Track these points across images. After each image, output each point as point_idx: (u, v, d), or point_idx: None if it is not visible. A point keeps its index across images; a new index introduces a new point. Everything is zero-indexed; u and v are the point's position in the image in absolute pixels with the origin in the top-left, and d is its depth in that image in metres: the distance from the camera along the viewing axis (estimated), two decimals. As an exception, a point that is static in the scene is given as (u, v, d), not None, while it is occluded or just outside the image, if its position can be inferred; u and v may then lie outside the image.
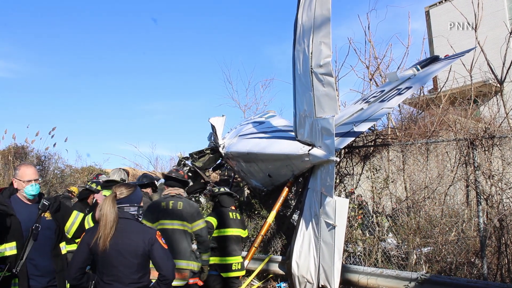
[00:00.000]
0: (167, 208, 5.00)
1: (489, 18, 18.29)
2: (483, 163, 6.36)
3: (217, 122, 9.55)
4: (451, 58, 7.26)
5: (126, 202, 3.40)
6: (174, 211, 4.97)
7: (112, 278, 3.23)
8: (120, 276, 3.24)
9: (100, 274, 3.26)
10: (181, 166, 10.34)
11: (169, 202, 5.04)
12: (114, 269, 3.24)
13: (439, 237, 6.53)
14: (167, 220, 4.96)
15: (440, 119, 10.79)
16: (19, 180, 3.90)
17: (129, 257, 3.27)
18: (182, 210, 4.99)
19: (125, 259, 3.26)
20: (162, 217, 4.98)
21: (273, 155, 7.03)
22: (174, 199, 5.07)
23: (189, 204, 5.09)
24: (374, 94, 7.20)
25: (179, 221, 4.96)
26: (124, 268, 3.25)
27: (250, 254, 6.83)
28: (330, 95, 5.51)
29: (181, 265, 4.84)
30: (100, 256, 3.22)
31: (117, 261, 3.24)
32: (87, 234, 3.33)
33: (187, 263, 4.90)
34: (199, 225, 5.01)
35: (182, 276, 4.84)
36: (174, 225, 4.96)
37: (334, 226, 5.55)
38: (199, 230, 5.00)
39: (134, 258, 3.28)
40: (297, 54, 6.11)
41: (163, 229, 4.92)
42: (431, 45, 26.36)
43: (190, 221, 4.99)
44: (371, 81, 14.67)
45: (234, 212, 6.09)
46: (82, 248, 3.27)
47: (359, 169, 8.00)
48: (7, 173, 15.09)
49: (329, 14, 5.24)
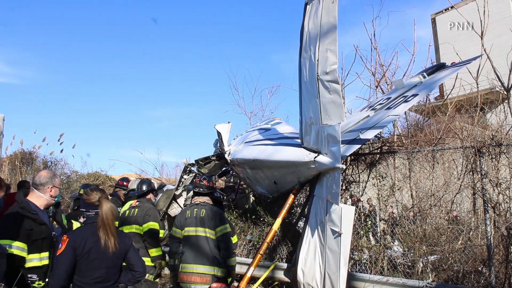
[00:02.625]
0: (191, 216, 5.24)
1: (496, 25, 18.23)
2: (490, 171, 6.32)
3: (223, 129, 9.56)
4: (458, 65, 7.24)
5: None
6: (197, 218, 5.19)
7: (96, 280, 3.31)
8: (105, 277, 3.36)
9: (82, 277, 3.27)
10: (186, 172, 10.34)
11: (194, 210, 5.29)
12: (100, 271, 3.33)
13: (445, 245, 6.48)
14: (191, 227, 5.18)
15: (446, 127, 10.76)
16: (56, 188, 3.86)
17: (116, 258, 3.43)
18: (205, 217, 5.16)
19: (112, 261, 3.39)
20: (187, 224, 5.22)
21: (279, 162, 7.02)
22: (198, 207, 5.29)
23: (212, 211, 5.23)
24: (380, 101, 7.19)
25: (202, 227, 5.13)
26: (109, 269, 3.39)
27: (255, 261, 6.80)
28: (336, 102, 5.51)
29: (201, 270, 5.03)
30: (86, 259, 3.27)
31: (105, 262, 3.35)
32: (72, 238, 3.30)
33: (208, 268, 5.03)
34: (221, 231, 5.13)
35: (202, 280, 5.00)
36: (198, 232, 5.14)
37: (340, 234, 5.52)
38: (221, 236, 5.11)
39: (119, 260, 3.46)
40: (303, 61, 6.12)
41: (188, 235, 5.18)
42: (437, 52, 26.36)
43: (213, 228, 5.12)
44: (377, 89, 14.68)
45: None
46: (68, 252, 3.24)
47: (365, 176, 7.97)
48: (13, 178, 15.19)
49: (335, 21, 5.25)
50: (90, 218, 3.44)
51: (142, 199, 6.00)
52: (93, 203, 3.47)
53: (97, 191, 3.57)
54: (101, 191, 3.59)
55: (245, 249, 8.40)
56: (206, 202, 5.36)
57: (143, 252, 5.61)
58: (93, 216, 3.44)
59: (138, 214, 5.72)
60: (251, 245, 8.42)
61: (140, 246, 5.59)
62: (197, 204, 5.33)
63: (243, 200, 10.66)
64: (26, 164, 16.29)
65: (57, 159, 16.86)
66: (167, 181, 17.92)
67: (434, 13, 29.54)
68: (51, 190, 3.82)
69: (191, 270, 5.04)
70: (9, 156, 16.33)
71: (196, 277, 5.02)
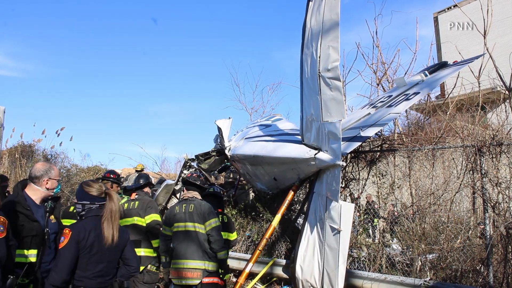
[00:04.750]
0: (179, 212, 5.21)
1: (498, 25, 18.19)
2: (490, 170, 6.32)
3: (223, 125, 9.56)
4: (460, 64, 7.23)
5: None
6: (186, 214, 5.16)
7: (97, 274, 3.30)
8: (105, 271, 3.36)
9: (83, 271, 3.25)
10: (186, 167, 10.35)
11: (182, 205, 5.26)
12: (101, 265, 3.32)
13: (444, 244, 6.49)
14: (181, 223, 5.16)
15: (447, 125, 10.74)
16: (53, 180, 3.80)
17: (116, 253, 3.44)
18: (193, 212, 5.14)
19: (112, 255, 3.40)
20: (176, 220, 5.19)
21: (279, 158, 7.02)
22: (187, 202, 5.26)
23: (200, 205, 5.20)
24: (382, 99, 7.17)
25: (190, 222, 5.11)
26: (109, 263, 3.40)
27: (254, 257, 6.81)
28: (337, 99, 5.49)
29: (191, 265, 5.01)
30: (89, 253, 3.25)
31: (106, 256, 3.35)
32: (75, 231, 3.25)
33: (197, 263, 5.02)
34: (210, 224, 5.10)
35: (193, 275, 4.99)
36: (187, 227, 5.11)
37: (339, 231, 5.52)
38: (210, 230, 5.08)
39: (118, 254, 3.47)
40: (305, 58, 6.11)
41: (177, 231, 5.16)
42: (439, 51, 26.30)
43: (202, 222, 5.10)
44: (378, 86, 14.65)
45: (220, 215, 5.83)
46: (72, 246, 3.20)
47: (365, 174, 7.97)
48: (13, 171, 15.18)
49: (337, 18, 5.24)
50: (91, 211, 3.38)
51: (141, 192, 6.01)
52: (99, 196, 3.44)
53: (101, 183, 3.56)
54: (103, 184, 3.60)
55: (244, 245, 8.41)
56: (194, 197, 5.34)
57: (145, 244, 5.63)
58: (96, 209, 3.39)
59: (139, 206, 5.72)
60: (250, 241, 8.42)
61: (142, 238, 5.61)
62: (186, 199, 5.32)
63: (242, 196, 10.67)
64: (26, 157, 16.28)
65: (57, 153, 16.85)
66: (167, 176, 17.91)
67: (437, 12, 29.47)
68: (47, 182, 3.76)
69: (182, 266, 5.04)
70: (9, 149, 16.31)
71: (187, 272, 5.01)
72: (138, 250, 5.40)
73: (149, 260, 5.64)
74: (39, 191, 3.76)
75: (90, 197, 3.42)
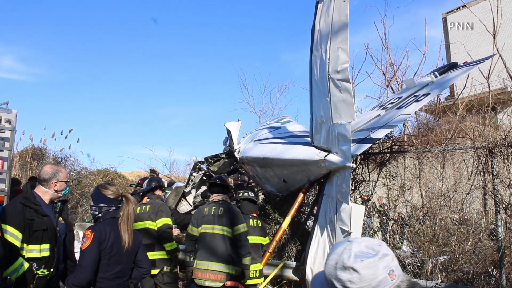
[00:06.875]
0: (208, 213, 5.26)
1: (508, 25, 18.03)
2: (502, 171, 6.26)
3: (232, 127, 9.57)
4: (470, 65, 7.17)
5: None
6: (215, 216, 5.20)
7: (116, 275, 3.36)
8: (123, 272, 3.42)
9: (103, 272, 3.31)
10: (196, 170, 10.38)
11: (212, 207, 5.30)
12: (119, 266, 3.38)
13: (455, 246, 6.44)
14: (209, 225, 5.21)
15: (457, 127, 10.67)
16: (61, 182, 3.89)
17: (132, 254, 3.50)
18: (223, 215, 5.18)
19: (129, 256, 3.47)
20: (204, 222, 5.24)
21: (289, 160, 7.01)
22: (216, 205, 5.31)
23: (230, 210, 5.24)
24: (391, 101, 7.14)
25: (219, 225, 5.15)
26: (127, 265, 3.45)
27: (264, 259, 6.81)
28: (347, 101, 5.48)
29: (215, 267, 5.07)
30: (109, 254, 3.31)
31: (124, 258, 3.41)
32: (97, 232, 3.31)
33: (222, 266, 5.06)
34: (239, 229, 5.15)
35: (216, 277, 5.04)
36: (215, 229, 5.15)
37: (350, 233, 5.50)
38: (239, 235, 5.13)
39: (134, 256, 3.53)
40: (314, 60, 6.10)
41: (205, 233, 5.20)
42: (448, 52, 26.09)
43: (231, 226, 5.14)
44: (387, 88, 14.60)
45: (255, 219, 6.09)
46: (95, 247, 3.26)
47: (375, 175, 7.94)
48: (24, 174, 15.32)
49: (347, 20, 5.23)
50: (108, 213, 3.45)
51: (152, 196, 6.05)
52: (116, 198, 3.50)
53: (117, 186, 3.62)
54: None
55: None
56: (224, 200, 5.37)
57: (158, 247, 5.66)
58: (113, 211, 3.46)
59: (150, 210, 5.76)
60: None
61: (154, 242, 5.64)
62: (215, 202, 5.35)
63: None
64: (36, 160, 16.43)
65: (67, 155, 17.00)
66: (176, 178, 17.99)
67: (445, 12, 29.25)
68: (55, 184, 3.85)
69: (205, 267, 5.07)
70: (19, 152, 16.47)
71: (211, 274, 5.05)
72: (152, 254, 5.44)
73: (163, 262, 5.69)
74: (48, 193, 3.85)
75: (108, 199, 3.47)
